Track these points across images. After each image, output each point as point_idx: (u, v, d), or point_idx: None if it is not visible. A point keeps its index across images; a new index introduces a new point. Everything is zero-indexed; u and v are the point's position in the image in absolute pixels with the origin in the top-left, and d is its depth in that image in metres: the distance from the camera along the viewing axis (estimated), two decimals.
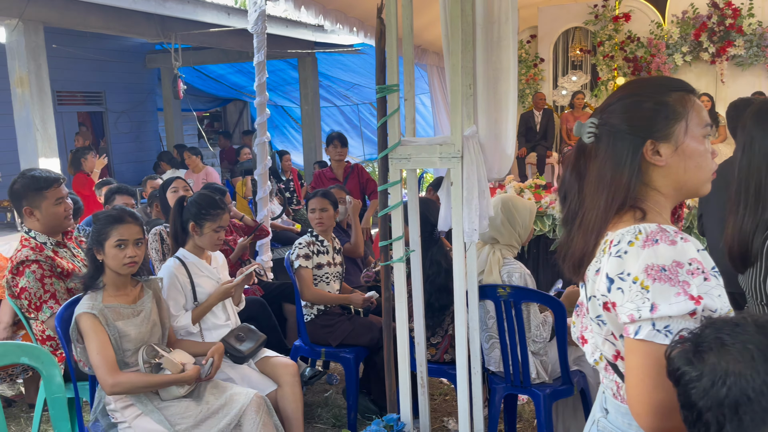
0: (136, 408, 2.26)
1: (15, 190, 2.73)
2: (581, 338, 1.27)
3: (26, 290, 2.62)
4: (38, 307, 2.64)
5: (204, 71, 11.00)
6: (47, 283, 2.65)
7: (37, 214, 2.73)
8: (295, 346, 3.43)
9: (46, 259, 2.68)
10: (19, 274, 2.64)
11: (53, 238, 2.81)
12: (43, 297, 2.63)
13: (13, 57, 4.83)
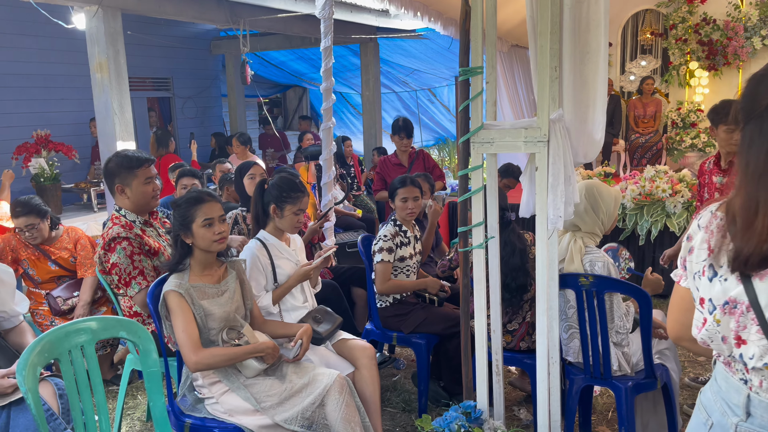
0: (222, 384, 2.32)
1: (109, 169, 2.87)
2: (737, 339, 1.19)
3: (117, 266, 2.74)
4: (127, 282, 2.75)
5: (266, 58, 11.14)
6: (136, 260, 2.76)
7: (127, 192, 2.84)
8: (367, 330, 3.45)
9: (136, 237, 2.80)
10: (111, 250, 2.76)
11: (141, 217, 2.93)
12: (132, 273, 2.74)
13: (93, 43, 5.00)
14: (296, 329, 2.53)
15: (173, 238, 2.39)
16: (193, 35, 9.58)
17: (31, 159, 5.96)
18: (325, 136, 5.06)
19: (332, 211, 5.00)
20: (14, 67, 7.02)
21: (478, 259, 2.51)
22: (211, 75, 10.14)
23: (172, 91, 9.47)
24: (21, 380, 1.80)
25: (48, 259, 3.60)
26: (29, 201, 3.53)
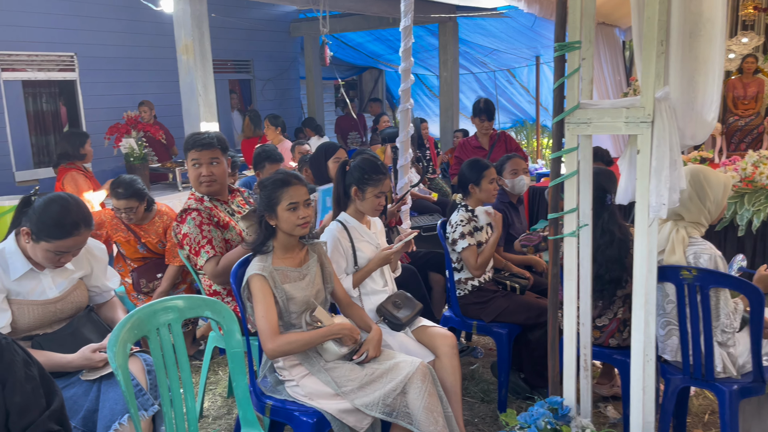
0: (303, 368, 2.31)
1: (184, 148, 2.95)
2: None
3: (187, 236, 2.83)
4: (197, 252, 2.81)
5: (343, 39, 11.14)
6: (205, 230, 2.82)
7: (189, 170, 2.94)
8: (445, 317, 3.36)
9: (205, 209, 2.88)
10: (182, 222, 2.86)
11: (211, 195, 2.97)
12: (201, 242, 2.80)
13: (179, 26, 5.12)
14: (369, 326, 2.47)
15: (258, 218, 2.38)
16: (273, 17, 9.69)
17: (122, 139, 6.22)
18: (403, 118, 4.97)
19: (408, 195, 4.93)
20: (106, 51, 7.33)
21: (570, 248, 2.37)
22: (290, 57, 10.24)
23: (253, 73, 9.63)
24: (112, 356, 1.83)
25: (138, 241, 3.67)
26: (132, 183, 3.57)
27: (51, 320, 2.24)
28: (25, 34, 6.60)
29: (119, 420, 1.95)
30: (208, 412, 3.24)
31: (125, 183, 3.56)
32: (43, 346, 2.17)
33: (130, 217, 3.58)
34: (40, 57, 6.85)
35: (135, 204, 3.55)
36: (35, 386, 1.44)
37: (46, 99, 7.32)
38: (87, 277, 2.42)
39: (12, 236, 2.22)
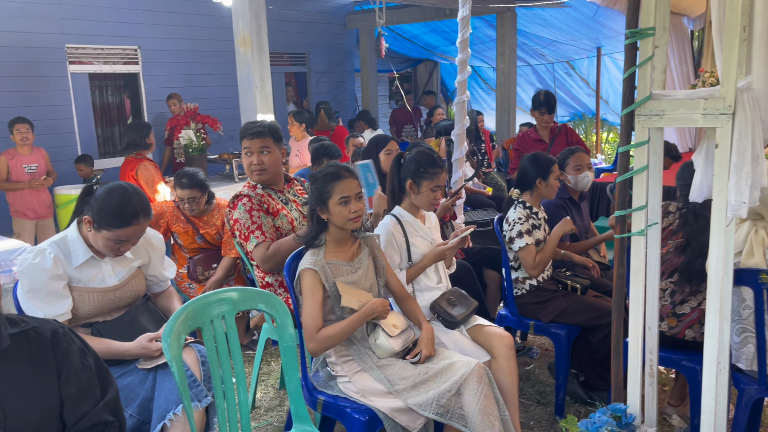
0: (355, 363, 2.27)
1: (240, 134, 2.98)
2: None
3: (238, 221, 2.85)
4: (246, 237, 2.83)
5: (398, 31, 11.06)
6: (255, 216, 2.83)
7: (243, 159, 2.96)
8: (501, 315, 3.27)
9: (256, 195, 2.90)
10: (234, 207, 2.89)
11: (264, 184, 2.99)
12: (251, 228, 2.82)
13: (237, 18, 5.15)
14: (421, 322, 2.40)
15: (309, 212, 2.35)
16: (329, 10, 9.70)
17: (181, 131, 6.35)
18: (459, 110, 4.86)
19: (463, 189, 4.83)
20: (167, 44, 7.50)
21: (637, 248, 2.24)
22: (345, 50, 10.24)
23: (308, 66, 9.68)
24: (166, 347, 1.83)
25: (196, 233, 3.76)
26: (195, 175, 3.69)
27: (110, 308, 2.28)
28: (92, 28, 6.82)
29: (173, 410, 1.96)
30: (260, 403, 3.25)
31: (189, 174, 3.67)
32: (102, 333, 2.20)
33: (192, 207, 3.67)
34: (106, 50, 7.06)
35: (197, 194, 3.66)
36: (90, 376, 1.45)
37: (111, 91, 7.56)
38: (145, 267, 2.45)
39: (74, 224, 2.26)
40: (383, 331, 2.24)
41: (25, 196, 5.52)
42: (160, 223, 3.77)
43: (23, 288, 2.13)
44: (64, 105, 6.72)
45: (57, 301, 2.13)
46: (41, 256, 2.14)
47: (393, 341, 2.26)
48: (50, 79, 6.57)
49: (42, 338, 1.41)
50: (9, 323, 1.39)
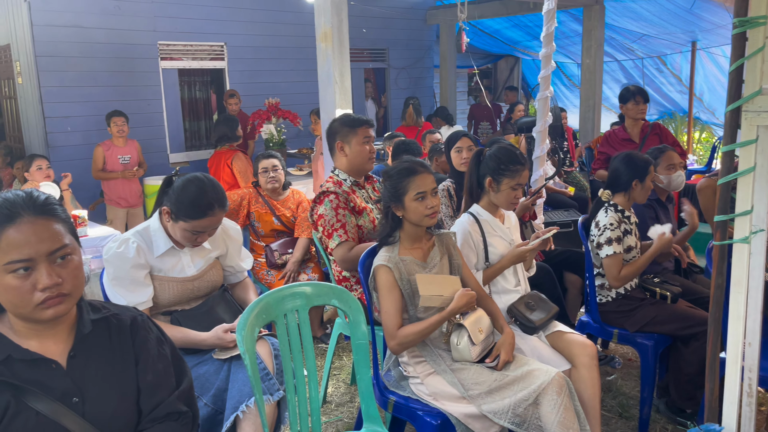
0: (428, 365, 2.20)
1: (332, 128, 3.01)
2: None
3: (322, 217, 2.85)
4: (329, 234, 2.83)
5: (480, 26, 10.86)
6: (340, 214, 2.83)
7: (346, 150, 2.95)
8: (582, 322, 3.11)
9: (343, 193, 2.89)
10: (319, 203, 2.90)
11: (353, 178, 3.00)
12: (335, 225, 2.81)
13: (319, 13, 5.18)
14: (502, 326, 2.29)
15: (384, 208, 2.31)
16: (410, 5, 9.66)
17: (263, 125, 6.49)
18: (541, 107, 4.69)
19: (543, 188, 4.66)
20: (252, 40, 7.69)
21: (740, 256, 2.05)
22: (425, 45, 10.17)
23: (388, 62, 9.67)
24: (240, 340, 1.84)
25: (273, 214, 3.98)
26: (275, 151, 4.20)
27: (188, 297, 2.32)
28: (182, 26, 7.08)
29: (246, 402, 1.97)
30: (331, 398, 3.25)
31: (270, 151, 4.23)
32: (181, 322, 2.25)
33: (274, 178, 3.95)
34: (194, 47, 7.32)
35: (278, 164, 4.00)
36: (166, 365, 1.46)
37: (198, 86, 7.84)
38: (222, 257, 2.49)
39: (156, 214, 2.32)
40: (469, 337, 2.16)
41: (118, 185, 5.81)
42: (243, 204, 4.00)
43: (108, 275, 2.21)
44: (155, 99, 7.03)
45: (139, 289, 2.19)
46: (125, 246, 2.21)
47: (474, 349, 2.18)
48: (143, 75, 6.88)
49: (122, 325, 1.44)
50: (91, 309, 1.42)
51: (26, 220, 1.26)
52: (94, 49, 6.46)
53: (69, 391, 1.32)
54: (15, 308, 1.28)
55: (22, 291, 1.25)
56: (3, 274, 1.24)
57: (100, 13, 6.46)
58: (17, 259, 1.24)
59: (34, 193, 1.31)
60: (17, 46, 6.53)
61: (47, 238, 1.27)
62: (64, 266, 1.29)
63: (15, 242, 1.24)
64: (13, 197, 1.28)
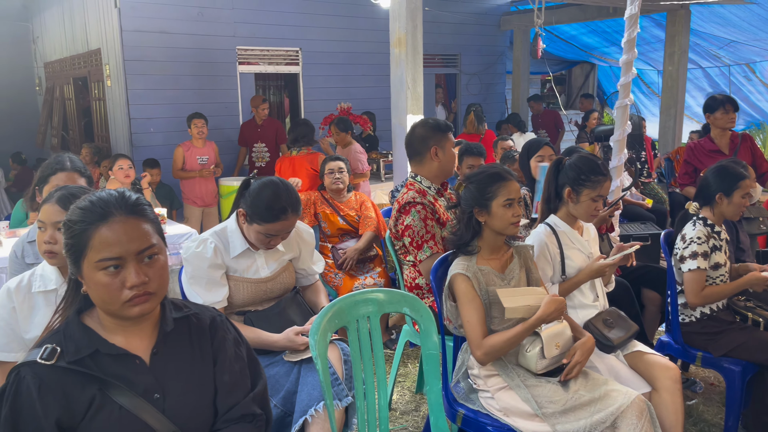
0: (500, 379, 2.14)
1: (419, 133, 2.94)
2: None
3: (410, 228, 2.79)
4: (419, 245, 2.77)
5: (555, 32, 10.62)
6: (429, 225, 2.78)
7: (440, 155, 2.90)
8: (662, 342, 2.96)
9: (429, 204, 2.84)
10: (405, 213, 2.82)
11: (435, 186, 2.96)
12: (425, 237, 2.76)
13: (394, 19, 5.21)
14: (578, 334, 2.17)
15: (464, 214, 2.25)
16: (484, 11, 9.57)
17: None
18: (620, 115, 4.51)
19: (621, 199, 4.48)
20: (326, 46, 7.81)
21: None
22: (497, 51, 10.04)
23: (459, 67, 9.61)
24: (313, 344, 1.85)
25: (338, 214, 4.09)
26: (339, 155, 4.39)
27: (261, 298, 2.36)
28: (260, 31, 7.28)
29: (315, 406, 1.97)
30: (396, 405, 3.23)
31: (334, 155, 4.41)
32: (254, 322, 2.28)
33: (339, 178, 4.08)
34: (271, 52, 7.50)
35: (344, 167, 4.14)
36: (243, 366, 1.48)
37: (272, 90, 8.03)
38: (295, 260, 2.51)
39: (234, 216, 2.37)
40: (541, 348, 2.08)
41: (195, 184, 6.02)
42: (309, 204, 4.12)
43: (186, 274, 2.27)
44: (231, 102, 7.25)
45: (215, 289, 2.24)
46: (203, 246, 2.26)
47: (541, 362, 2.10)
48: (222, 79, 7.11)
49: (202, 325, 1.46)
50: (174, 308, 1.45)
51: (118, 220, 1.30)
52: (178, 53, 6.72)
53: (151, 387, 1.35)
54: (104, 304, 1.32)
55: (111, 288, 1.29)
56: (95, 271, 1.29)
57: (184, 20, 6.72)
58: (108, 257, 1.28)
59: (126, 194, 1.35)
60: (107, 50, 6.89)
61: (137, 237, 1.30)
62: (151, 265, 1.32)
63: (107, 241, 1.28)
64: (106, 197, 1.33)
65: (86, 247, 1.29)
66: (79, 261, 1.30)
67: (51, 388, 1.27)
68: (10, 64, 9.90)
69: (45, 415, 1.25)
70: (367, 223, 4.06)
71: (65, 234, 1.32)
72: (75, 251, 1.30)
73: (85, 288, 1.33)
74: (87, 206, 1.31)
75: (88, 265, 1.29)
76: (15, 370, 1.29)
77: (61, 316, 1.38)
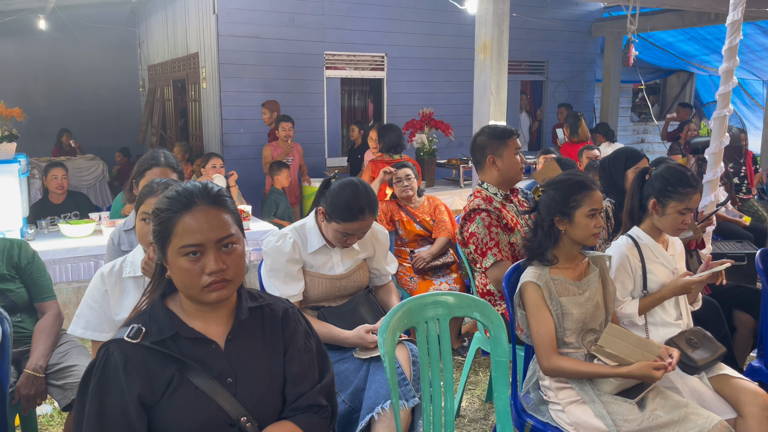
0: (573, 392, 2.08)
1: (478, 142, 2.94)
2: None
3: (474, 235, 2.78)
4: (483, 253, 2.75)
5: (650, 39, 10.18)
6: (493, 232, 2.75)
7: (498, 163, 2.87)
8: (753, 368, 2.77)
9: (495, 210, 2.81)
10: (470, 220, 2.82)
11: (502, 192, 2.91)
12: (488, 244, 2.74)
13: (480, 24, 5.17)
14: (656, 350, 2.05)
15: (541, 221, 2.20)
16: (574, 17, 9.32)
17: (415, 134, 6.60)
18: (718, 126, 4.26)
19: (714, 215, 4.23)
20: (410, 52, 7.87)
21: None
22: (587, 59, 9.75)
23: (546, 74, 9.41)
24: (381, 342, 1.87)
25: (414, 220, 4.11)
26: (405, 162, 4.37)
27: (335, 295, 2.42)
28: (348, 37, 7.44)
29: (382, 404, 2.00)
30: (465, 412, 3.20)
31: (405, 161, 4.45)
32: (327, 318, 2.34)
33: (408, 186, 4.10)
34: (357, 57, 7.65)
35: (411, 174, 4.16)
36: (312, 358, 1.52)
37: (357, 95, 8.18)
38: (369, 259, 2.56)
39: (313, 213, 2.44)
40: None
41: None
42: (387, 212, 4.16)
43: (266, 267, 2.36)
44: (317, 106, 7.45)
45: (292, 282, 2.32)
46: (283, 240, 2.35)
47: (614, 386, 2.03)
48: (309, 83, 7.32)
49: (274, 315, 1.52)
50: (249, 297, 1.52)
51: (200, 209, 1.38)
52: (269, 57, 6.99)
53: (225, 372, 1.42)
54: (185, 288, 1.40)
55: (192, 273, 1.36)
56: (178, 256, 1.37)
57: (276, 25, 6.98)
58: (190, 243, 1.36)
59: (209, 185, 1.43)
60: (204, 54, 7.26)
61: (217, 226, 1.38)
62: (229, 254, 1.39)
63: (190, 228, 1.36)
64: (191, 187, 1.41)
65: (171, 233, 1.37)
66: (164, 247, 1.39)
67: (135, 365, 1.36)
68: (118, 67, 10.63)
69: (129, 389, 1.34)
70: (441, 227, 4.08)
71: (153, 221, 1.41)
72: (161, 237, 1.39)
73: (168, 273, 1.42)
74: (173, 196, 1.40)
75: (172, 250, 1.38)
76: (104, 347, 1.39)
77: (148, 299, 1.47)
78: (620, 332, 2.04)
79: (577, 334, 2.14)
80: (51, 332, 2.53)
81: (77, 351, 2.57)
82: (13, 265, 2.58)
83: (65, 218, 4.81)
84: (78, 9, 9.62)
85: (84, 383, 1.37)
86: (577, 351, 2.13)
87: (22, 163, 4.15)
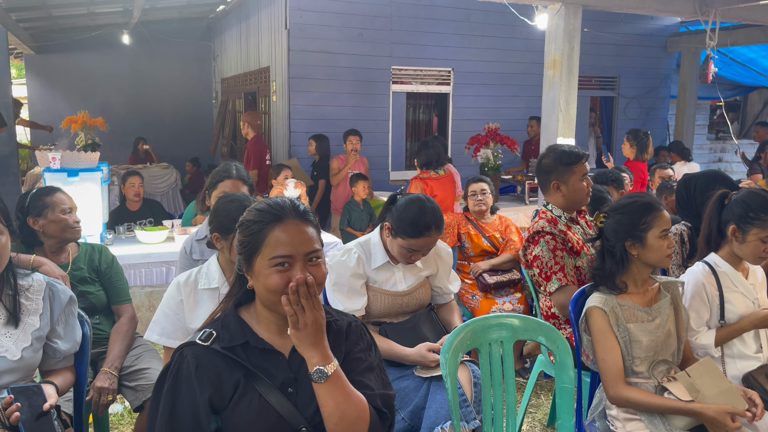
0: (642, 425, 2.00)
1: (544, 165, 2.85)
2: None
3: (539, 258, 2.72)
4: (548, 277, 2.69)
5: (730, 54, 9.74)
6: (558, 255, 2.69)
7: (563, 189, 2.80)
8: None
9: (559, 233, 2.74)
10: (534, 243, 2.76)
11: (568, 214, 2.84)
12: (553, 268, 2.68)
13: (550, 40, 5.11)
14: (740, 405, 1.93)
15: (610, 246, 2.13)
16: (648, 32, 9.05)
17: (480, 150, 6.56)
18: None
19: None
20: (478, 66, 7.83)
21: None
22: (661, 74, 9.42)
23: (618, 90, 9.16)
24: (444, 362, 1.86)
25: (482, 235, 4.11)
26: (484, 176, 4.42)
27: (397, 311, 2.42)
28: (415, 52, 7.48)
29: (442, 425, 1.98)
30: None
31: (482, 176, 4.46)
32: (388, 334, 2.35)
33: (482, 201, 4.12)
34: (423, 72, 7.68)
35: (487, 188, 4.18)
36: (372, 369, 1.53)
37: (422, 109, 8.20)
38: (432, 277, 2.55)
39: (378, 229, 2.46)
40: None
41: (341, 197, 6.31)
42: (453, 225, 4.16)
43: (330, 281, 2.39)
44: (383, 120, 7.52)
45: (355, 297, 2.34)
46: (348, 255, 2.38)
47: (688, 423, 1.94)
48: (376, 97, 7.40)
49: (339, 329, 1.55)
50: None
51: (291, 223, 1.43)
52: (337, 72, 7.12)
53: (287, 382, 1.45)
54: (269, 297, 1.43)
55: (280, 284, 1.40)
56: (267, 267, 1.41)
57: (345, 40, 7.10)
58: (282, 254, 1.40)
59: (296, 202, 1.49)
60: (275, 68, 7.48)
61: (305, 240, 1.43)
62: (315, 267, 1.43)
63: (281, 240, 1.41)
64: (281, 202, 1.47)
65: (261, 244, 1.42)
66: (251, 258, 1.44)
67: (206, 368, 1.41)
68: (193, 79, 11.09)
69: (200, 391, 1.39)
70: (509, 246, 4.08)
71: (241, 232, 1.46)
72: (250, 248, 1.44)
73: (251, 283, 1.46)
74: (264, 208, 1.45)
75: (261, 261, 1.42)
76: (179, 350, 1.45)
77: (222, 307, 1.52)
78: (715, 371, 1.95)
79: (647, 363, 2.06)
80: (127, 335, 2.65)
81: (150, 355, 2.68)
82: (94, 268, 2.72)
83: (141, 225, 5.03)
84: (158, 24, 10.13)
85: (159, 384, 1.44)
86: (647, 381, 2.05)
87: (104, 171, 4.38)
